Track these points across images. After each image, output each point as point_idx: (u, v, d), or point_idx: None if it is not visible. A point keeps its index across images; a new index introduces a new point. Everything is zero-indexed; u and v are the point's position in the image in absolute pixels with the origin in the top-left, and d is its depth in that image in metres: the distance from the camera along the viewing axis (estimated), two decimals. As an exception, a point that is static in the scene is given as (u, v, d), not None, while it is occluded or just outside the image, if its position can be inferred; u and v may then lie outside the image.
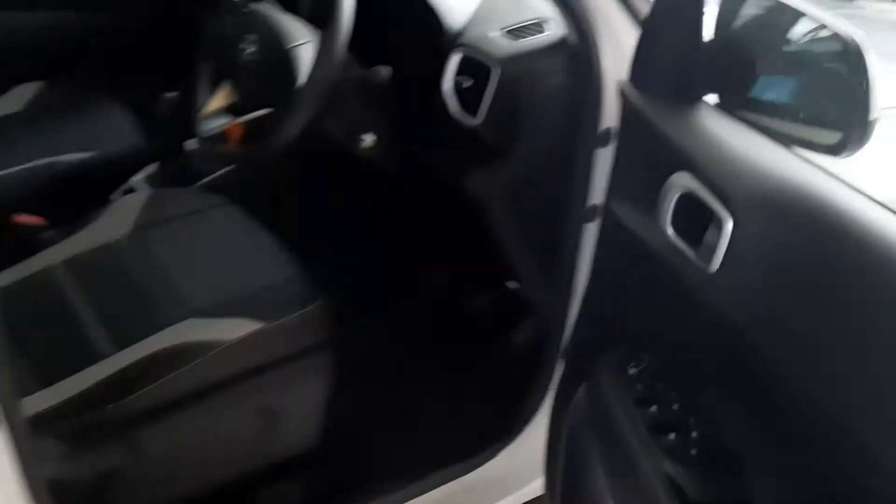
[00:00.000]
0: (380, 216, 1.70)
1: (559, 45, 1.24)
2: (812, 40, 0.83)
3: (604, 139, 1.11)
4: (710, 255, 0.79)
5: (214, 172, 1.70)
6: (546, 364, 1.32)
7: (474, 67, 1.28)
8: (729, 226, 0.77)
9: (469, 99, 1.29)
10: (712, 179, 0.82)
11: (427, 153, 1.47)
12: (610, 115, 1.10)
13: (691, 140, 0.89)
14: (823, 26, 0.79)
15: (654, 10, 0.95)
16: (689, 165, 0.85)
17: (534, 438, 1.35)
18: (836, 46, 0.77)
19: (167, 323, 1.18)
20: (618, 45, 1.08)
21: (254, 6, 1.36)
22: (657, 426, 0.86)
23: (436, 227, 1.65)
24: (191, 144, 1.48)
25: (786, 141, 0.84)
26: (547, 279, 1.31)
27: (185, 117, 1.49)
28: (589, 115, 1.11)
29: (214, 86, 1.42)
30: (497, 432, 1.38)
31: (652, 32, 0.97)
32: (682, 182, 0.85)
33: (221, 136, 1.36)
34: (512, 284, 1.52)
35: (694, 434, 0.84)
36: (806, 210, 0.75)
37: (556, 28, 1.28)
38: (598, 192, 1.14)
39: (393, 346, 1.58)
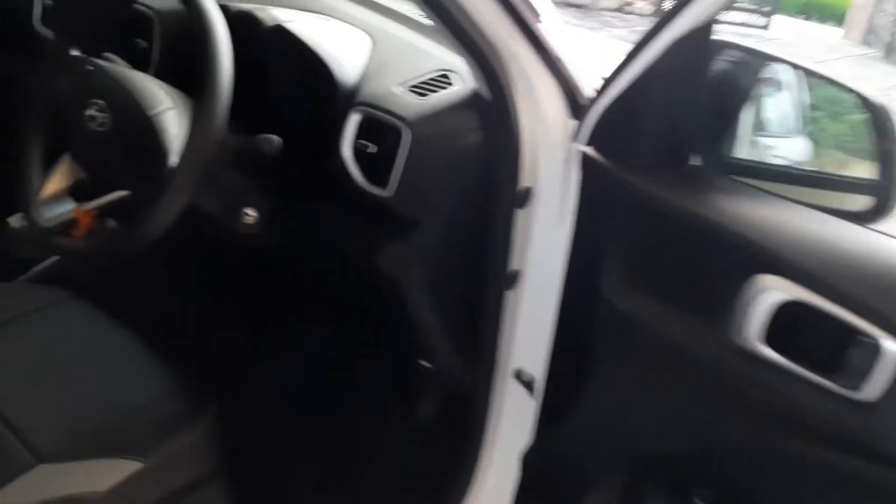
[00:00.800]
0: (266, 301, 1.47)
1: (471, 101, 1.11)
2: (821, 101, 0.76)
3: (522, 199, 1.01)
4: (857, 381, 0.68)
5: (46, 258, 1.40)
6: (469, 452, 1.18)
7: (377, 129, 1.11)
8: (891, 347, 0.66)
9: (372, 165, 1.12)
10: (844, 293, 0.70)
11: (319, 227, 1.27)
12: (529, 173, 1.01)
13: (768, 234, 0.77)
14: (847, 89, 0.71)
15: (652, 68, 0.86)
16: (781, 268, 0.74)
17: None
18: (858, 110, 0.70)
19: (10, 475, 0.91)
20: (535, 99, 1.00)
21: (99, 63, 1.10)
22: None
23: (333, 308, 1.45)
24: (14, 221, 1.20)
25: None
26: (466, 355, 1.19)
27: (5, 195, 1.20)
28: (506, 175, 1.02)
29: (48, 161, 1.15)
30: None
31: (639, 92, 0.88)
32: (775, 287, 0.73)
33: (65, 227, 1.10)
34: (424, 363, 1.35)
35: None
36: None
37: (463, 80, 1.15)
38: (518, 257, 1.06)
39: (297, 453, 1.36)
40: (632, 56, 0.90)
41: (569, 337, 1.04)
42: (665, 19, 0.86)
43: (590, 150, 0.95)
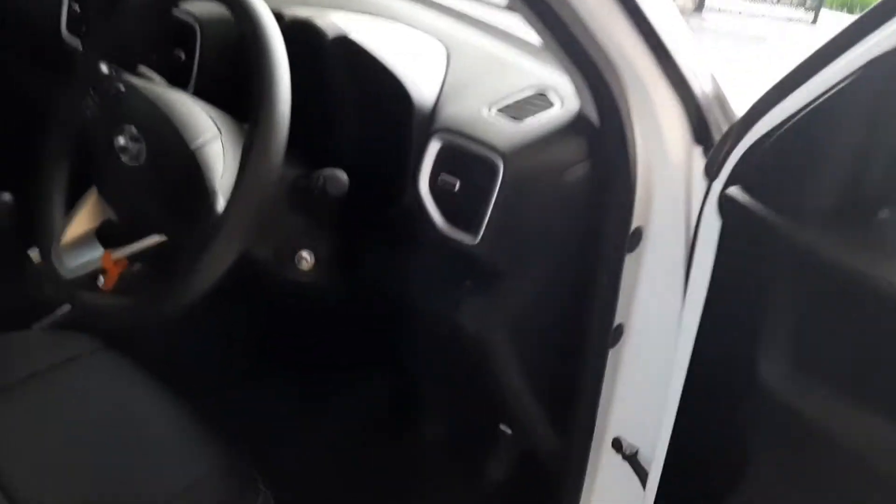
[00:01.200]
0: (322, 357, 1.29)
1: (577, 125, 0.92)
2: None
3: (634, 242, 0.89)
4: None
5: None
6: None
7: (461, 161, 0.92)
8: None
9: (453, 204, 0.93)
10: None
11: (387, 275, 1.08)
12: (641, 211, 0.88)
13: None
14: None
15: (836, 93, 0.68)
16: None
17: None
18: None
19: None
20: (654, 121, 0.84)
21: (132, 82, 0.93)
22: None
23: (399, 366, 1.26)
24: (37, 256, 1.04)
25: None
26: (555, 421, 1.04)
27: (23, 230, 1.04)
28: (617, 215, 0.88)
29: (72, 196, 0.98)
30: None
31: (813, 122, 0.71)
32: None
33: (91, 277, 0.93)
34: (505, 428, 1.16)
35: None
36: None
37: (563, 100, 0.96)
38: (621, 309, 0.90)
39: None
40: (799, 75, 0.71)
41: (701, 418, 0.85)
42: (856, 31, 0.67)
43: (736, 192, 0.77)
